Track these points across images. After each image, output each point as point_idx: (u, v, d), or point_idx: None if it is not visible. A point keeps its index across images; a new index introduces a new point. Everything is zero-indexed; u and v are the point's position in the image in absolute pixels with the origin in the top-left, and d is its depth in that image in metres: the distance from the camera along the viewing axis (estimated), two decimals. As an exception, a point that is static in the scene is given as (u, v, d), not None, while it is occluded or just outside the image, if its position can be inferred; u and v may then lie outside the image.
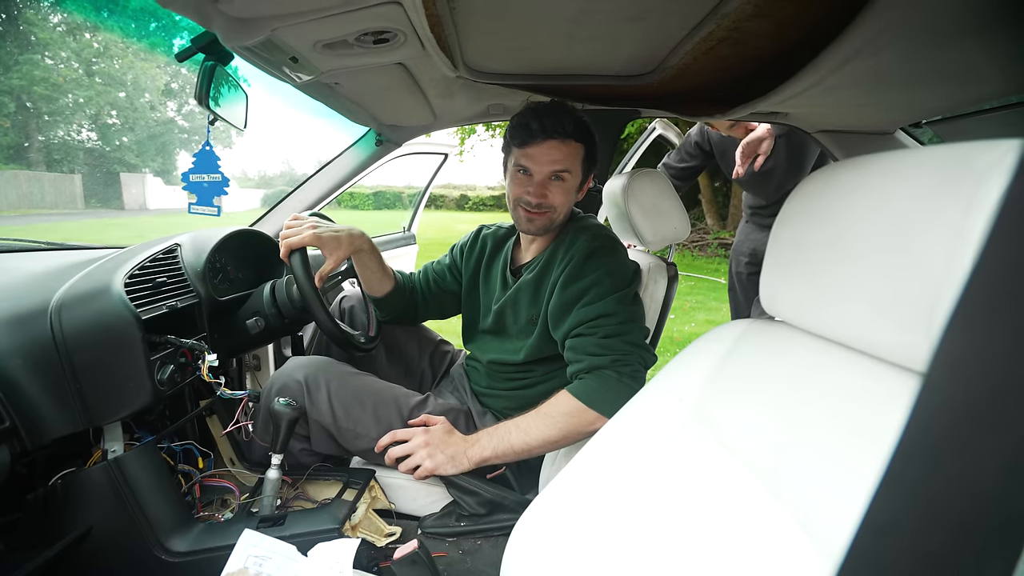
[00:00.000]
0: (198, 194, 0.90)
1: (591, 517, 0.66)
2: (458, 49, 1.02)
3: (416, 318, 1.38)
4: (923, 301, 0.39)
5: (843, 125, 1.36)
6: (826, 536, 0.43)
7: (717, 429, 0.63)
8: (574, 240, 1.10)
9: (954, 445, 0.21)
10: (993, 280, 0.20)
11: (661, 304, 1.12)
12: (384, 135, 1.50)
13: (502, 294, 1.19)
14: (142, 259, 0.97)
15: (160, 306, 0.92)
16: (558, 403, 1.01)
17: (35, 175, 17.85)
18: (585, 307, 1.03)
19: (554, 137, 1.03)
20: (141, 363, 0.84)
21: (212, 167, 0.90)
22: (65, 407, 0.79)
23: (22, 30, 19.61)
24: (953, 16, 0.67)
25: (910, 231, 0.40)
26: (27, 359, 0.76)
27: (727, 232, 8.97)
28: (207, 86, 0.81)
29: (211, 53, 0.82)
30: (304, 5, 0.70)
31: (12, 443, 0.72)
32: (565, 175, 1.06)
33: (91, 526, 0.80)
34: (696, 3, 0.81)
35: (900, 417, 0.36)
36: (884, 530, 0.22)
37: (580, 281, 1.05)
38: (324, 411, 1.07)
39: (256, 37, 0.74)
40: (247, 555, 0.79)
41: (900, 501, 0.22)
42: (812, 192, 0.58)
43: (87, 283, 0.86)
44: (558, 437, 0.99)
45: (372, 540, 0.99)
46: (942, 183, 0.38)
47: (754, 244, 2.08)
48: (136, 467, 0.85)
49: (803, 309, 0.59)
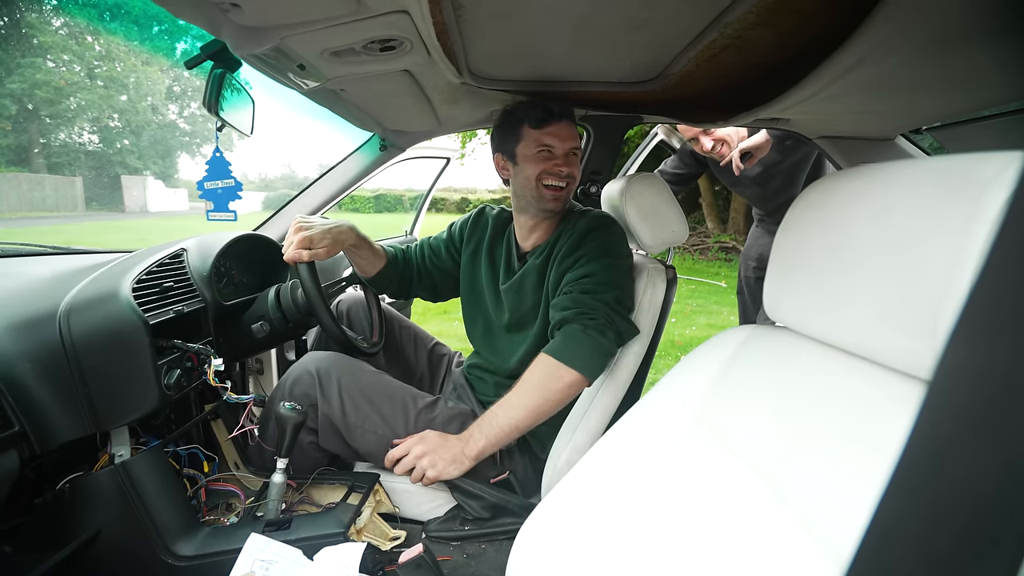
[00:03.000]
0: (215, 201, 0.91)
1: (595, 521, 0.67)
2: (463, 56, 1.03)
3: (410, 293, 1.41)
4: (925, 309, 0.39)
5: (844, 131, 1.37)
6: (830, 539, 0.44)
7: (721, 434, 0.64)
8: (576, 223, 1.16)
9: (957, 452, 0.21)
10: (995, 293, 0.21)
11: (660, 307, 1.12)
12: (388, 140, 1.52)
13: (507, 278, 1.22)
14: (149, 264, 0.98)
15: (167, 311, 0.93)
16: (533, 367, 1.04)
17: (36, 178, 17.90)
18: (572, 272, 1.09)
19: (567, 118, 1.15)
20: (149, 368, 0.85)
21: (224, 173, 0.91)
22: (73, 411, 0.79)
23: (24, 33, 19.69)
24: (958, 24, 0.68)
25: (912, 241, 0.41)
26: (36, 363, 0.76)
27: (728, 235, 8.98)
28: (216, 94, 0.82)
29: (220, 61, 0.83)
30: (313, 14, 0.71)
31: (21, 447, 0.72)
32: (576, 152, 1.17)
33: (99, 529, 0.80)
34: (699, 12, 0.82)
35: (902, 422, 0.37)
36: (890, 532, 0.23)
37: (574, 253, 1.11)
38: (334, 405, 1.08)
39: (265, 45, 0.75)
40: (253, 559, 0.80)
41: (905, 505, 0.23)
42: (815, 201, 0.59)
43: (96, 288, 0.87)
44: (539, 401, 1.02)
45: (377, 544, 0.99)
46: (943, 194, 0.39)
47: (761, 249, 2.10)
48: (143, 471, 0.85)
49: (806, 316, 0.59)
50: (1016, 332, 0.20)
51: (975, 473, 0.21)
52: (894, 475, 0.23)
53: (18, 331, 0.77)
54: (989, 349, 0.20)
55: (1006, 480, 0.20)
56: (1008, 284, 0.20)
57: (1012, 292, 0.20)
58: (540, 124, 1.13)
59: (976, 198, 0.35)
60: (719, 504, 0.57)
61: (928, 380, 0.22)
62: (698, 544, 0.54)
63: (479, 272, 1.28)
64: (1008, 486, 0.20)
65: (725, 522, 0.54)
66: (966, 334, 0.21)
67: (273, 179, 38.81)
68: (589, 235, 1.12)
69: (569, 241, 1.13)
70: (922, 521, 0.22)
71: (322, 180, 1.59)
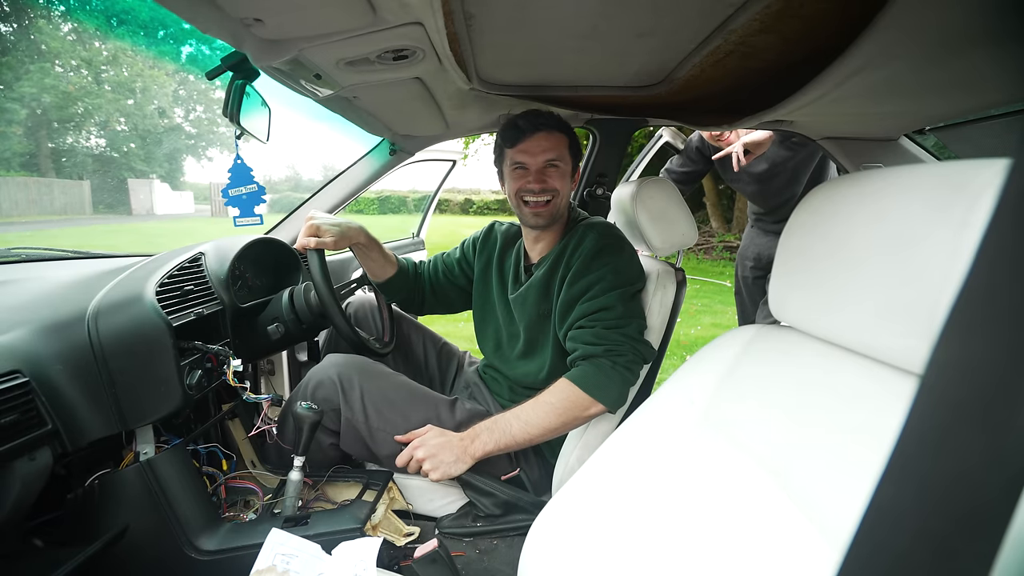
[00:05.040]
0: (240, 207, 0.94)
1: (607, 516, 0.68)
2: (472, 63, 1.05)
3: (423, 308, 1.42)
4: (922, 308, 0.41)
5: (848, 132, 1.38)
6: (833, 528, 0.46)
7: (728, 430, 0.66)
8: (583, 237, 1.14)
9: (946, 439, 0.24)
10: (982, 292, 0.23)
11: (670, 309, 1.14)
12: (398, 144, 1.54)
13: (515, 288, 1.24)
14: (170, 268, 1.01)
15: (188, 313, 0.96)
16: (557, 390, 1.05)
17: (45, 182, 18.07)
18: (588, 302, 1.09)
19: (541, 130, 1.13)
20: (172, 369, 0.88)
21: (247, 179, 0.94)
22: (102, 410, 0.82)
23: (34, 39, 19.91)
24: (960, 28, 0.69)
25: (910, 243, 0.43)
26: (67, 364, 0.79)
27: (732, 235, 8.97)
28: (238, 103, 0.85)
29: (239, 71, 0.86)
30: (331, 27, 0.73)
31: (54, 445, 0.75)
32: (558, 163, 1.15)
33: (127, 524, 0.83)
34: (705, 19, 0.84)
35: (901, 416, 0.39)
36: (885, 514, 0.25)
37: (586, 277, 1.10)
38: (357, 410, 1.10)
39: (285, 56, 0.78)
40: (275, 553, 0.82)
41: (899, 488, 0.25)
42: (817, 205, 0.61)
43: (121, 291, 0.90)
44: (558, 424, 1.04)
45: (392, 540, 1.02)
46: (940, 199, 0.41)
47: (758, 249, 2.11)
48: (167, 468, 0.88)
49: (810, 315, 0.61)
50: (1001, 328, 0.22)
51: (963, 459, 0.23)
52: (889, 461, 0.26)
53: (50, 333, 0.80)
54: (975, 344, 0.23)
55: (992, 465, 0.22)
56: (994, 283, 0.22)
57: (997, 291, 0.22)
58: (513, 143, 1.15)
59: (970, 203, 0.38)
60: (727, 497, 0.59)
61: (921, 374, 0.25)
62: (707, 536, 0.56)
63: (490, 284, 1.31)
64: (994, 470, 0.22)
65: (733, 514, 0.56)
66: (954, 330, 0.24)
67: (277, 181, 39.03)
68: (599, 258, 1.11)
69: (578, 261, 1.12)
70: (915, 502, 0.25)
71: (333, 183, 1.62)
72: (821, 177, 1.90)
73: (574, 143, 1.19)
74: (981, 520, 0.23)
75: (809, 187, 1.90)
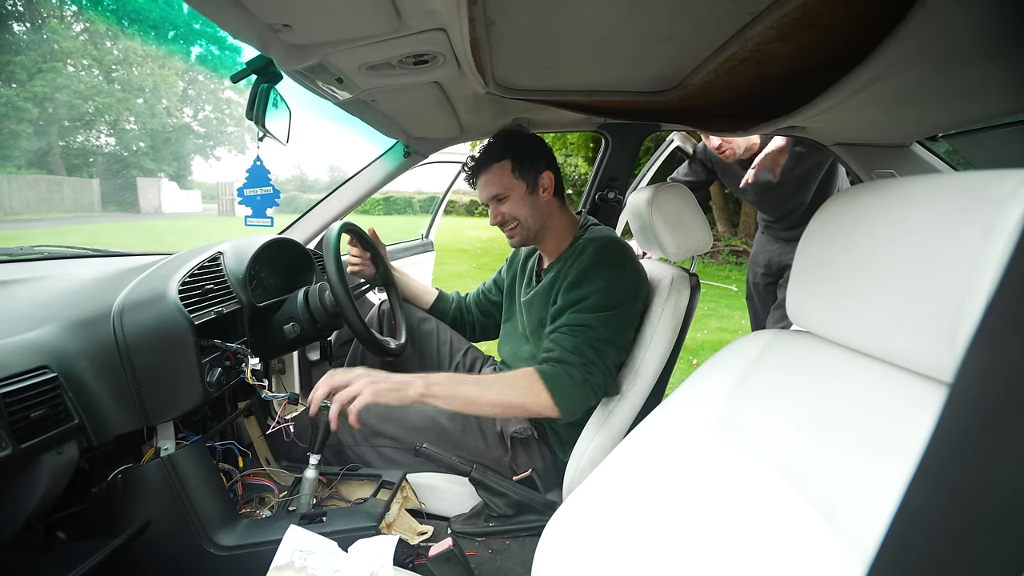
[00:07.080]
0: (253, 207, 0.96)
1: (621, 519, 0.69)
2: (489, 67, 1.07)
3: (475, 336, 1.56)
4: (944, 317, 0.42)
5: (860, 138, 1.39)
6: (852, 529, 0.46)
7: (744, 433, 0.66)
8: (583, 249, 1.17)
9: (976, 444, 0.25)
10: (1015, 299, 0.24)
11: (684, 313, 1.15)
12: (412, 147, 1.56)
13: (527, 292, 1.31)
14: (191, 267, 1.02)
15: (209, 312, 0.97)
16: (523, 375, 1.05)
17: (55, 179, 18.25)
18: (575, 314, 1.10)
19: (480, 172, 1.24)
20: (194, 366, 0.89)
21: (264, 180, 0.96)
22: (126, 406, 0.84)
23: (46, 39, 20.12)
24: (975, 39, 0.70)
25: (931, 254, 0.44)
26: (93, 360, 0.81)
27: (738, 239, 8.95)
28: (263, 106, 0.86)
29: (263, 75, 0.87)
30: (356, 32, 0.75)
31: (80, 439, 0.77)
32: (503, 194, 1.22)
33: (150, 519, 0.85)
34: (722, 25, 0.85)
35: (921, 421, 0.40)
36: (916, 517, 0.26)
37: (578, 290, 1.12)
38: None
39: (309, 61, 0.80)
40: (293, 549, 0.84)
41: (930, 491, 0.26)
42: (836, 213, 0.62)
43: (144, 289, 0.92)
44: (509, 403, 1.02)
45: (406, 538, 1.03)
46: (961, 211, 0.42)
47: (769, 255, 2.13)
48: (187, 464, 0.90)
49: (829, 321, 0.62)
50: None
51: (994, 464, 0.24)
52: (920, 464, 0.26)
53: (76, 330, 0.82)
54: (1007, 351, 0.23)
55: (1021, 470, 0.23)
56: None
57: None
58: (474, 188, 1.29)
59: (993, 214, 0.38)
60: (743, 500, 0.59)
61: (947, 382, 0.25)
62: (723, 538, 0.57)
63: (515, 296, 1.40)
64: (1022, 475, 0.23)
65: (749, 517, 0.57)
66: (986, 337, 0.25)
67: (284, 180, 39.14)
68: (596, 272, 1.12)
69: (574, 271, 1.14)
70: (945, 506, 0.25)
71: (348, 184, 1.64)
72: (829, 185, 1.90)
73: (520, 158, 1.21)
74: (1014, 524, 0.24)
75: (818, 196, 1.91)
